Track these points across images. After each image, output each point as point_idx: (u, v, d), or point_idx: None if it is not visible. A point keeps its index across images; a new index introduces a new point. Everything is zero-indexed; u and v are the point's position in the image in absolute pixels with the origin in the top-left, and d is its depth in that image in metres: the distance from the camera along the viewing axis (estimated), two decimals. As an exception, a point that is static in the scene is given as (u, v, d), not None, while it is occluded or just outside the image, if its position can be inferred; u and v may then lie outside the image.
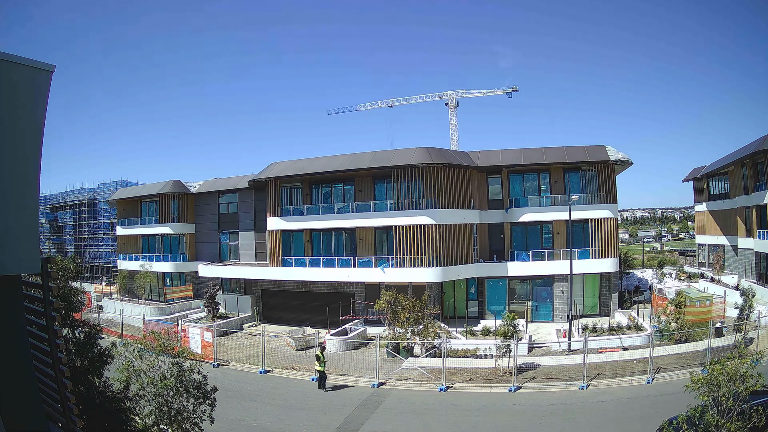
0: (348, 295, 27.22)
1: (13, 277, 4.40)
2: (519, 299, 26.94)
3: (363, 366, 19.90)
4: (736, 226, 32.12)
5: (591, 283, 26.77)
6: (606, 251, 25.76)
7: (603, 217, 25.92)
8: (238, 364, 21.21)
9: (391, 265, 25.68)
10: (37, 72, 4.23)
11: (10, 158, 4.10)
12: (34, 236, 4.32)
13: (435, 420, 14.49)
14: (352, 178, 28.46)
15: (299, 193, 30.37)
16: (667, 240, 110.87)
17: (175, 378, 10.58)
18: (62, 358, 5.08)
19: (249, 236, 33.56)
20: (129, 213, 39.26)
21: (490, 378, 17.72)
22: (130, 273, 37.27)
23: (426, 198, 25.46)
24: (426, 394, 16.79)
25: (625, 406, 14.44)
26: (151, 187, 37.00)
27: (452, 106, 77.04)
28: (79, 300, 11.60)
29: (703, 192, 38.63)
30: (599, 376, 17.07)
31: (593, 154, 26.31)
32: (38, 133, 4.26)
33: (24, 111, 4.19)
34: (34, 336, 5.18)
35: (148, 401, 10.57)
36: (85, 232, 47.64)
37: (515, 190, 28.03)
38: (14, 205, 4.12)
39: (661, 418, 10.00)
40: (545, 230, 27.46)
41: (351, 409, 15.48)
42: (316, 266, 27.77)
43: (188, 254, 35.58)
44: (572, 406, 14.75)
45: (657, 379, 16.40)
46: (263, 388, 18.03)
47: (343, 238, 28.66)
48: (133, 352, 10.99)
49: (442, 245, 25.01)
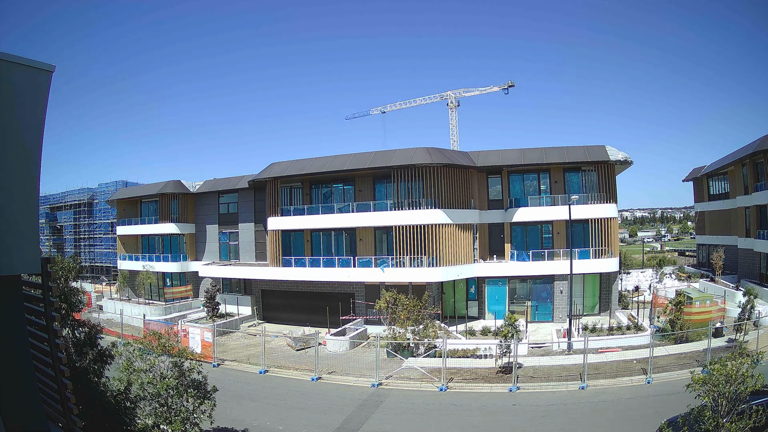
0: (348, 295, 27.22)
1: (13, 277, 4.40)
2: (519, 299, 26.93)
3: (363, 366, 19.89)
4: (736, 226, 32.13)
5: (591, 283, 26.77)
6: (606, 251, 25.75)
7: (603, 216, 25.91)
8: (238, 364, 21.21)
9: (391, 265, 25.68)
10: (37, 72, 4.24)
11: (10, 158, 4.10)
12: (34, 236, 4.32)
13: (435, 420, 14.49)
14: (352, 178, 28.46)
15: (299, 193, 30.37)
16: (667, 240, 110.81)
17: (175, 378, 10.59)
18: (62, 358, 5.08)
19: (249, 236, 33.56)
20: (129, 213, 39.26)
21: (490, 378, 17.72)
22: (130, 273, 37.29)
23: (426, 198, 25.46)
24: (426, 394, 16.79)
25: (625, 406, 14.44)
26: (151, 187, 37.00)
27: (452, 107, 77.03)
28: (79, 300, 11.60)
29: (703, 192, 38.65)
30: (599, 376, 17.06)
31: (593, 154, 26.30)
32: (38, 133, 4.26)
33: (24, 111, 4.19)
34: (34, 336, 5.18)
35: (148, 401, 10.58)
36: (85, 232, 47.65)
37: (515, 190, 28.02)
38: (14, 205, 4.12)
39: (661, 419, 10.00)
40: (545, 230, 27.45)
41: (351, 409, 15.48)
42: (316, 266, 27.77)
43: (188, 254, 35.57)
44: (572, 406, 14.75)
45: (657, 379, 16.39)
46: (263, 388, 18.04)
47: (343, 238, 28.66)
48: (134, 352, 11.00)
49: (442, 245, 25.01)
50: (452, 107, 77.17)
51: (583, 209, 25.37)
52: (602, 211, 25.93)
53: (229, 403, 15.45)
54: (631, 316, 24.27)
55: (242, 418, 14.84)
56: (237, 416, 14.85)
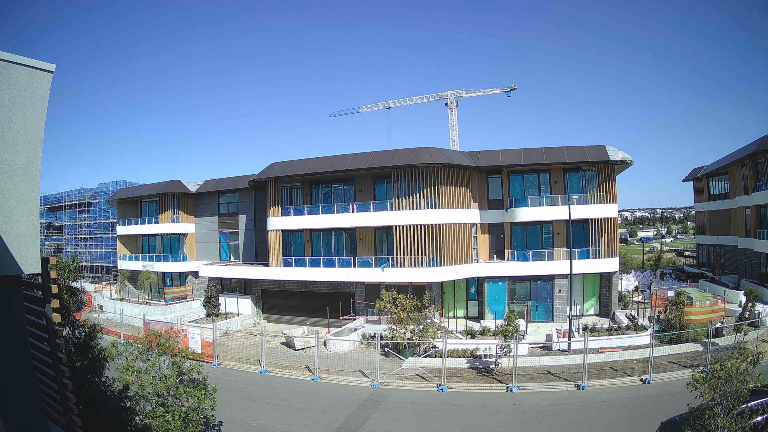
0: (348, 295, 27.22)
1: (13, 277, 4.40)
2: (519, 299, 26.92)
3: (363, 366, 19.89)
4: (736, 226, 32.13)
5: (591, 283, 26.78)
6: (606, 251, 25.75)
7: (603, 216, 25.90)
8: (238, 364, 21.21)
9: (391, 265, 25.68)
10: (37, 72, 4.24)
11: (11, 158, 4.10)
12: (34, 236, 4.33)
13: (435, 420, 14.50)
14: (352, 178, 28.45)
15: (299, 193, 30.36)
16: (667, 240, 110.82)
17: (176, 378, 10.59)
18: (62, 358, 5.08)
19: (249, 236, 33.57)
20: (129, 213, 39.25)
21: (490, 378, 17.73)
22: (130, 273, 37.29)
23: (426, 198, 25.45)
24: (426, 394, 16.79)
25: (625, 406, 14.45)
26: (151, 187, 36.98)
27: (452, 107, 77.01)
28: (79, 300, 11.61)
29: (703, 192, 38.63)
30: (599, 376, 17.06)
31: (593, 154, 26.30)
32: (38, 132, 4.26)
33: (24, 111, 4.19)
34: (34, 336, 5.18)
35: (148, 401, 10.58)
36: (85, 232, 47.63)
37: (515, 190, 28.01)
38: (14, 205, 4.12)
39: (661, 418, 10.01)
40: (545, 230, 27.44)
41: (351, 409, 15.48)
42: (316, 266, 27.77)
43: (188, 254, 35.57)
44: (572, 406, 14.76)
45: (657, 379, 16.40)
46: (263, 388, 18.04)
47: (343, 237, 28.66)
48: (134, 352, 11.01)
49: (442, 245, 25.01)
50: (451, 107, 77.16)
51: (583, 209, 25.37)
52: (602, 211, 25.92)
53: (229, 403, 15.46)
54: (631, 316, 24.27)
55: (242, 418, 14.85)
56: (237, 416, 14.86)
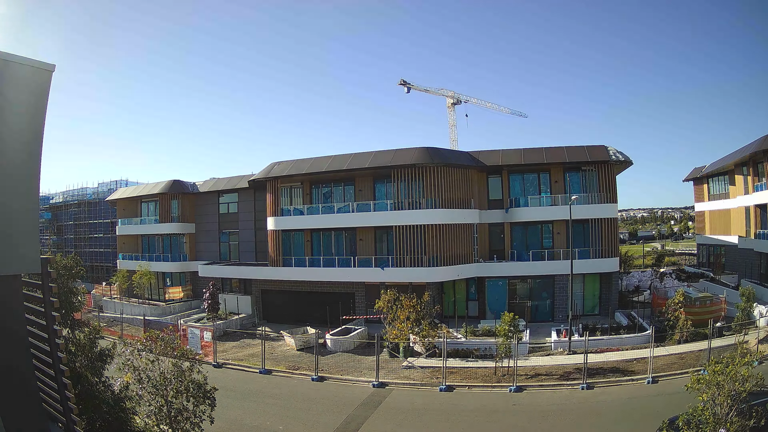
0: (348, 295, 27.21)
1: (13, 277, 4.40)
2: (519, 299, 26.93)
3: (363, 366, 19.90)
4: (736, 226, 32.13)
5: (591, 283, 26.76)
6: (606, 251, 25.75)
7: (603, 216, 25.90)
8: (238, 364, 21.21)
9: (391, 264, 25.67)
10: (37, 72, 4.23)
11: (11, 158, 4.10)
12: (34, 236, 4.32)
13: (435, 420, 14.49)
14: (352, 178, 28.45)
15: (299, 193, 30.36)
16: (667, 240, 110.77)
17: (175, 378, 10.59)
18: (62, 358, 5.08)
19: (249, 236, 33.57)
20: (129, 213, 39.25)
21: (490, 378, 17.72)
22: (130, 273, 37.27)
23: (426, 198, 25.45)
24: (426, 394, 16.79)
25: (626, 406, 14.44)
26: (151, 187, 36.99)
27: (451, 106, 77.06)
28: (79, 300, 11.62)
29: (703, 192, 38.63)
30: (599, 376, 17.06)
31: (593, 154, 26.30)
32: (39, 132, 4.26)
33: (24, 110, 4.19)
34: (34, 336, 5.18)
35: (148, 401, 10.58)
36: (85, 232, 47.62)
37: (515, 189, 28.01)
38: (14, 205, 4.12)
39: (661, 419, 9.99)
40: (545, 230, 27.45)
41: (351, 409, 15.48)
42: (316, 266, 27.77)
43: (188, 254, 35.56)
44: (572, 407, 14.75)
45: (657, 379, 16.39)
46: (263, 388, 18.04)
47: (343, 238, 28.66)
48: (134, 352, 11.00)
49: (442, 245, 25.01)
50: (450, 107, 77.18)
51: (583, 209, 25.36)
52: (602, 211, 25.92)
53: (229, 403, 15.44)
54: (631, 316, 24.26)
55: (242, 418, 14.85)
56: (237, 416, 14.85)
